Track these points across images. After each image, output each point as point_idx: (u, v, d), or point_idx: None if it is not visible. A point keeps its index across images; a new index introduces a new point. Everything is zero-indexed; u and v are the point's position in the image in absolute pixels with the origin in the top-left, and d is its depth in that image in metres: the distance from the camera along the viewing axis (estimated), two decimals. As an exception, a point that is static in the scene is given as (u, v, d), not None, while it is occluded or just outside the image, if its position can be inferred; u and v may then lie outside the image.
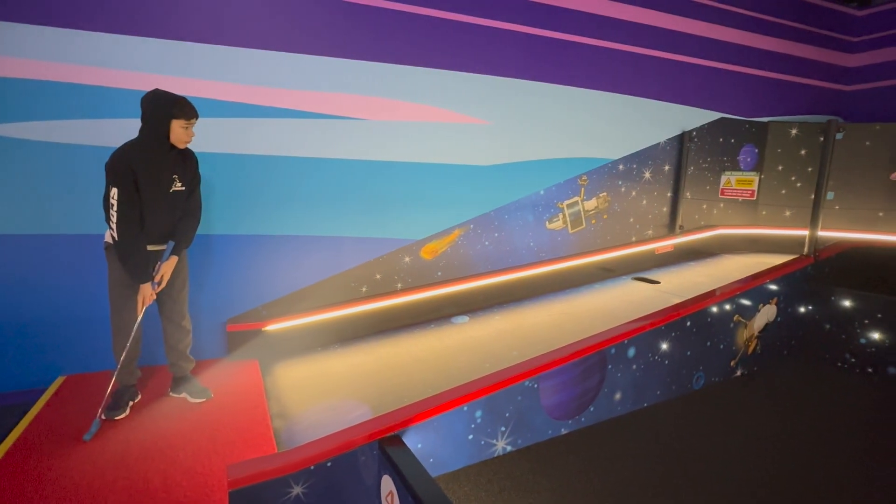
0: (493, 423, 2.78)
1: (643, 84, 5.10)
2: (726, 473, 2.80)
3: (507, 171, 4.42)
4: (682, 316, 3.63)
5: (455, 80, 4.05)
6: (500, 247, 4.50)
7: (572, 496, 2.55)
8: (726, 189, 5.52)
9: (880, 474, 2.84)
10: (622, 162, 5.01)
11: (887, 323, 4.17)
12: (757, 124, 5.63)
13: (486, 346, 3.59)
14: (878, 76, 6.30)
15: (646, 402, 3.59)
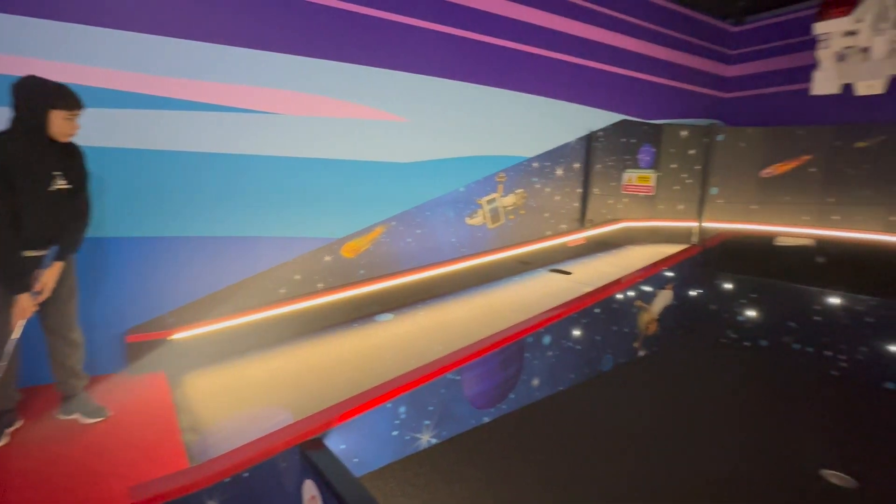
0: (418, 417, 2.82)
1: (555, 86, 5.40)
2: (636, 445, 3.09)
3: (426, 168, 4.48)
4: (591, 304, 3.91)
5: (372, 76, 4.02)
6: (423, 243, 4.55)
7: (495, 480, 2.67)
8: (628, 185, 6.01)
9: (757, 425, 3.29)
10: (536, 160, 5.27)
11: (759, 302, 4.80)
12: (653, 126, 6.18)
13: (411, 342, 3.62)
14: (750, 86, 7.19)
15: (561, 386, 3.83)
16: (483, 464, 2.82)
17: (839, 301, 4.30)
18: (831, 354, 4.36)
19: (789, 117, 6.63)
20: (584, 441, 3.13)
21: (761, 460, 3.00)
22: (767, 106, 6.97)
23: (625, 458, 2.95)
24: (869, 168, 5.56)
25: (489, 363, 3.17)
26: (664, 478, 2.77)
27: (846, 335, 4.27)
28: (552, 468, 2.82)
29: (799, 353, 4.55)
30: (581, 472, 2.80)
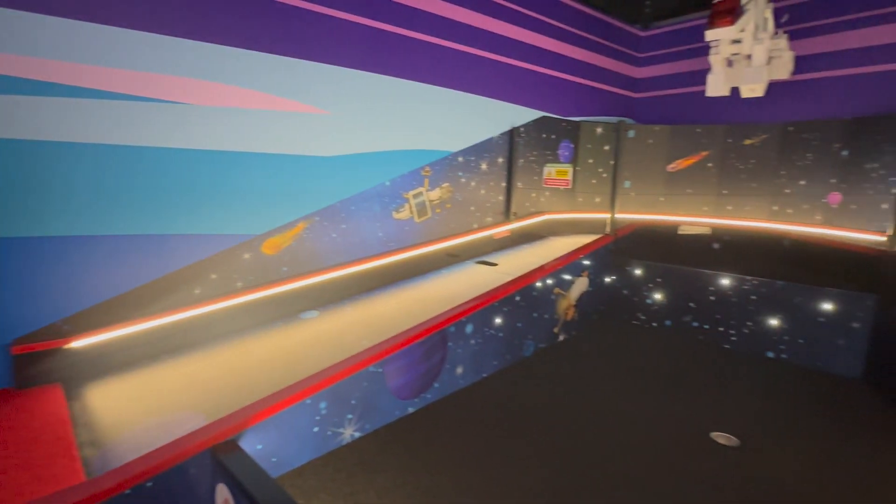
0: (340, 411, 2.82)
1: (479, 83, 5.53)
2: (556, 423, 3.28)
3: (350, 162, 4.43)
4: (512, 292, 4.08)
5: (290, 67, 3.91)
6: (349, 238, 4.50)
7: (419, 468, 2.73)
8: (549, 179, 6.30)
9: (661, 396, 3.61)
10: (461, 154, 5.38)
11: (664, 286, 5.24)
12: (571, 123, 6.51)
13: (337, 338, 3.59)
14: (657, 86, 7.77)
15: (484, 372, 3.98)
16: (407, 453, 2.87)
17: (730, 282, 4.79)
18: (723, 330, 4.87)
19: (690, 116, 7.25)
20: (507, 423, 3.28)
21: (663, 426, 3.30)
22: (672, 105, 7.57)
23: (546, 436, 3.13)
24: (755, 163, 6.22)
25: (412, 354, 3.22)
26: (581, 449, 2.97)
27: (735, 312, 4.78)
28: (475, 452, 2.93)
29: (697, 331, 5.03)
30: (503, 452, 2.93)
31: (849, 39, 5.88)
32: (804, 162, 5.89)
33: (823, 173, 5.75)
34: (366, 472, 2.66)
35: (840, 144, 5.61)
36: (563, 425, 3.29)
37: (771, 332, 4.59)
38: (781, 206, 6.09)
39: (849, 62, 5.91)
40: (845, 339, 4.21)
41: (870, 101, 5.60)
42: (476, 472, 2.72)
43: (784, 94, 6.38)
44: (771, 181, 6.14)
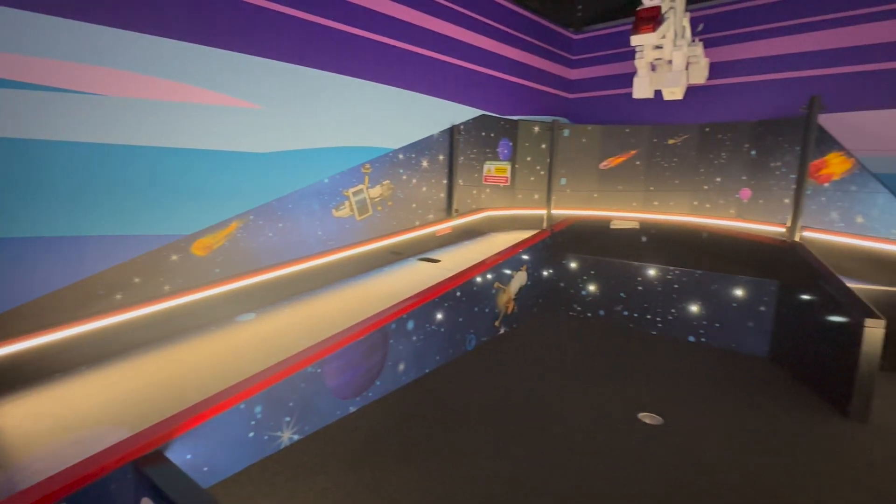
0: (276, 415, 2.75)
1: (419, 80, 5.54)
2: (498, 413, 3.37)
3: (286, 158, 4.31)
4: (453, 287, 4.15)
5: (217, 59, 3.74)
6: (286, 237, 4.38)
7: (360, 467, 2.72)
8: (488, 176, 6.44)
9: (595, 381, 3.81)
10: (402, 152, 5.38)
11: (597, 278, 5.51)
12: (510, 121, 6.68)
13: (275, 340, 3.49)
14: (589, 88, 8.13)
15: (427, 368, 4.02)
16: (348, 453, 2.85)
17: (656, 273, 5.13)
18: (650, 318, 5.20)
19: (620, 117, 7.66)
20: (449, 417, 3.33)
21: (597, 410, 3.48)
22: (603, 106, 7.96)
23: (487, 426, 3.21)
24: (678, 161, 6.68)
25: (352, 353, 3.20)
26: (521, 436, 3.08)
27: (661, 301, 5.13)
28: (417, 447, 2.96)
29: (628, 319, 5.34)
30: (445, 445, 2.98)
31: (755, 49, 6.44)
32: (719, 160, 6.41)
33: (736, 171, 6.29)
34: (305, 475, 2.62)
35: (749, 145, 6.15)
36: (503, 415, 3.39)
37: (692, 318, 4.96)
38: (701, 202, 6.59)
39: (755, 70, 6.48)
40: (754, 322, 4.64)
41: (773, 106, 6.18)
42: (418, 467, 2.75)
43: (701, 98, 6.89)
44: (692, 178, 6.62)
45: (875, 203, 4.84)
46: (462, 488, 2.58)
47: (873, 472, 2.88)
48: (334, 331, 3.26)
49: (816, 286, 3.98)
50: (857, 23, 5.67)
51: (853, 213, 5.01)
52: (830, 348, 3.75)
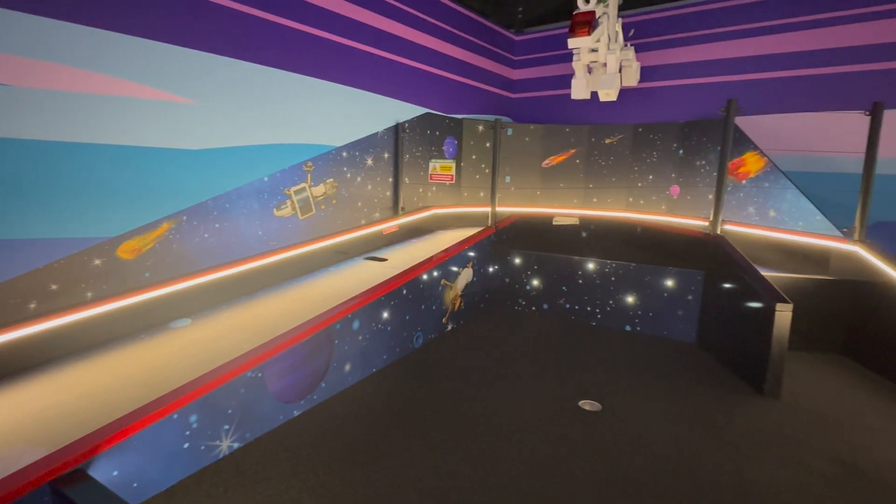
0: (214, 423, 2.64)
1: (362, 77, 5.47)
2: (445, 410, 3.40)
3: (222, 155, 4.13)
4: (399, 285, 4.14)
5: (146, 50, 3.51)
6: (224, 238, 4.20)
7: (304, 472, 2.66)
8: (434, 174, 6.47)
9: (541, 372, 3.93)
10: (345, 149, 5.29)
11: (540, 273, 5.69)
12: (455, 120, 6.74)
13: (213, 345, 3.33)
14: (531, 88, 8.36)
15: (374, 367, 3.99)
16: (292, 458, 2.78)
17: (594, 266, 5.36)
18: (590, 309, 5.44)
19: (560, 117, 7.93)
20: (397, 415, 3.33)
21: (541, 400, 3.60)
22: (544, 106, 8.21)
23: (435, 422, 3.23)
24: (614, 160, 7.01)
25: (294, 355, 3.12)
26: (468, 430, 3.13)
27: (600, 293, 5.37)
28: (364, 447, 2.93)
29: (570, 311, 5.56)
30: (392, 443, 2.98)
31: (681, 55, 6.88)
32: (651, 159, 6.78)
33: (666, 169, 6.68)
34: (246, 484, 2.53)
35: (677, 144, 6.56)
36: (450, 410, 3.43)
37: (628, 309, 5.24)
38: (635, 198, 6.95)
39: (682, 74, 6.92)
40: (683, 310, 4.96)
41: (698, 108, 6.62)
42: (364, 468, 2.73)
43: (634, 100, 7.27)
44: (627, 176, 6.97)
45: (785, 198, 5.32)
46: (409, 485, 2.60)
47: (785, 443, 3.17)
48: (277, 333, 3.16)
49: (735, 275, 4.32)
50: (771, 33, 6.20)
51: (767, 207, 5.48)
52: (748, 332, 4.08)
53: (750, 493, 2.65)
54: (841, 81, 5.79)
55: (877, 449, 3.12)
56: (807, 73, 6.00)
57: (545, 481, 2.68)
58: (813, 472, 2.86)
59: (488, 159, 6.90)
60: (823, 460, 2.98)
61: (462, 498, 2.52)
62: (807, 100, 5.99)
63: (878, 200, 5.02)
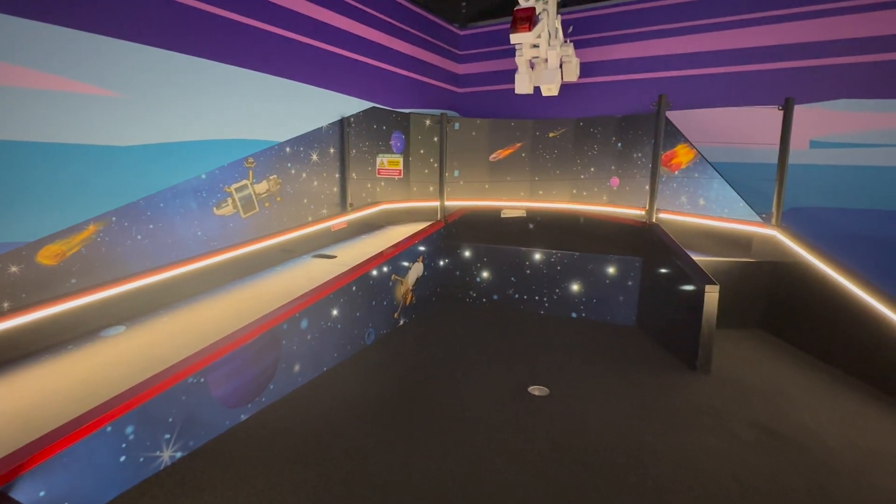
0: (153, 433, 2.53)
1: (304, 70, 5.33)
2: (399, 405, 3.41)
3: (153, 152, 3.91)
4: (348, 282, 4.10)
5: (66, 39, 3.25)
6: (160, 240, 3.99)
7: (253, 476, 2.60)
8: (381, 169, 6.43)
9: (491, 361, 4.03)
10: (289, 145, 5.15)
11: (489, 264, 5.80)
12: (401, 114, 6.71)
13: (150, 352, 3.17)
14: (476, 83, 8.45)
15: (325, 366, 3.94)
16: (240, 463, 2.71)
17: (541, 256, 5.54)
18: (538, 298, 5.62)
19: (506, 111, 8.08)
20: (348, 412, 3.31)
21: (490, 388, 3.70)
22: (490, 101, 8.33)
23: (388, 417, 3.24)
24: (558, 153, 7.23)
25: (239, 358, 3.03)
26: (421, 423, 3.16)
27: (546, 282, 5.55)
28: (316, 448, 2.90)
29: (519, 301, 5.71)
30: (345, 441, 2.96)
31: (618, 52, 7.19)
32: (593, 152, 7.06)
33: (606, 161, 6.98)
34: (189, 494, 2.44)
35: (616, 138, 6.86)
36: (404, 405, 3.46)
37: (573, 296, 5.45)
38: (578, 190, 7.21)
39: (618, 70, 7.23)
40: (623, 296, 5.23)
41: (634, 103, 6.96)
42: (314, 468, 2.70)
43: (574, 95, 7.52)
44: (570, 168, 7.22)
45: (712, 187, 5.70)
46: (363, 482, 2.60)
47: (713, 413, 3.43)
48: (222, 336, 3.05)
49: (669, 261, 4.60)
50: (699, 32, 6.59)
51: (697, 196, 5.85)
52: (681, 313, 4.36)
53: (683, 461, 2.86)
54: (759, 78, 6.26)
55: (793, 414, 3.44)
56: (729, 71, 6.45)
57: (496, 466, 2.77)
58: (737, 438, 3.12)
59: (437, 154, 6.93)
60: (746, 427, 3.25)
61: (415, 490, 2.55)
62: (730, 95, 6.44)
63: (791, 188, 5.50)
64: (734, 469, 2.79)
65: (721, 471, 2.78)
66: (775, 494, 2.58)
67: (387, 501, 2.45)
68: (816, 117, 5.90)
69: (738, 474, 2.75)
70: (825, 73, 5.86)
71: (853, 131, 5.77)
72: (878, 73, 5.60)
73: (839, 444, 3.06)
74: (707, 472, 2.77)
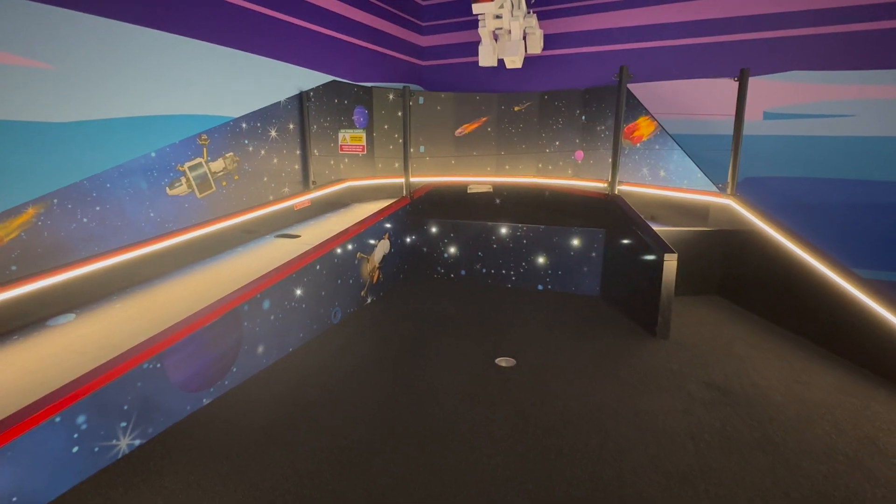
0: (108, 422, 2.44)
1: (258, 41, 5.07)
2: (368, 382, 3.40)
3: (96, 129, 3.67)
4: (311, 261, 4.02)
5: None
6: (108, 222, 3.79)
7: (217, 460, 2.56)
8: (344, 145, 6.27)
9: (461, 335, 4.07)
10: (245, 120, 4.94)
11: (457, 240, 5.80)
12: (364, 88, 6.52)
13: (103, 341, 3.04)
14: (440, 55, 8.28)
15: (291, 346, 3.89)
16: (202, 447, 2.66)
17: (507, 230, 5.57)
18: (506, 272, 5.67)
19: (471, 85, 7.96)
20: (315, 391, 3.28)
21: (461, 362, 3.74)
22: (455, 74, 8.19)
23: (358, 395, 3.23)
24: (523, 127, 7.22)
25: (198, 342, 2.94)
26: (392, 399, 3.17)
27: (513, 256, 5.60)
28: (283, 427, 2.87)
29: (486, 275, 5.75)
30: (313, 420, 2.94)
31: (581, 23, 7.14)
32: (557, 126, 7.07)
33: (571, 135, 7.01)
34: (150, 480, 2.39)
35: (580, 111, 6.89)
36: (372, 381, 3.46)
37: (539, 269, 5.53)
38: (544, 164, 7.25)
39: (582, 42, 7.20)
40: (588, 267, 5.34)
41: (597, 75, 6.97)
42: (282, 448, 2.68)
43: (539, 67, 7.47)
44: (536, 143, 7.23)
45: (672, 159, 5.82)
46: (331, 459, 2.60)
47: (671, 376, 3.58)
48: (178, 320, 2.95)
49: (630, 231, 4.70)
50: (659, 3, 6.60)
51: (658, 168, 5.97)
52: (642, 282, 4.49)
53: (642, 420, 2.98)
54: (717, 50, 6.36)
55: (743, 373, 3.62)
56: (689, 43, 6.51)
57: (462, 435, 2.82)
58: (693, 397, 3.27)
59: (401, 129, 6.79)
60: (701, 387, 3.41)
61: (383, 463, 2.57)
62: (690, 67, 6.53)
63: (745, 159, 5.67)
64: (689, 427, 2.93)
65: (677, 429, 2.91)
66: (726, 447, 2.73)
67: (355, 477, 2.46)
68: (770, 89, 6.07)
69: (692, 431, 2.88)
70: (779, 45, 6.00)
71: (805, 102, 5.96)
72: (829, 45, 5.77)
73: (785, 399, 3.25)
74: (664, 430, 2.89)
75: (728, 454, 2.67)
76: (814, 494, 2.36)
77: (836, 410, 3.12)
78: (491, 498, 2.32)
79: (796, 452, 2.69)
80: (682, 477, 2.48)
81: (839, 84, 5.79)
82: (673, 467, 2.56)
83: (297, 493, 2.34)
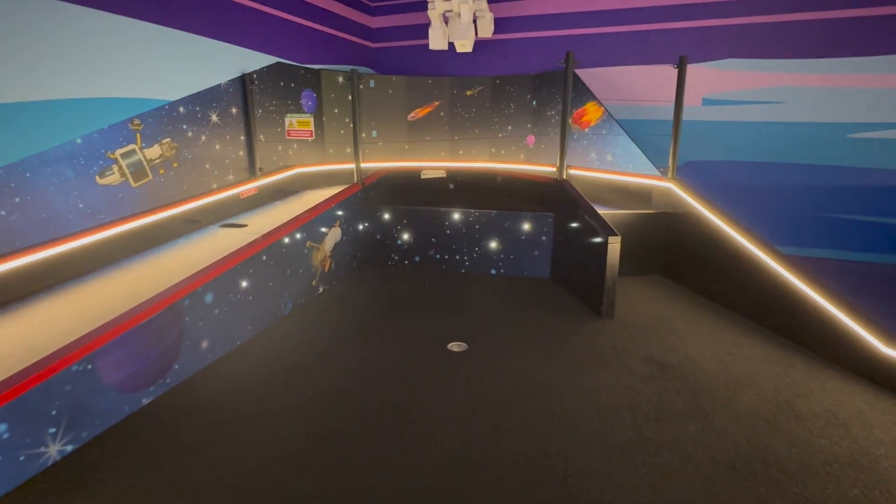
0: (34, 429, 2.31)
1: (196, 20, 4.78)
2: (319, 372, 3.37)
3: (10, 114, 3.38)
4: (257, 252, 3.91)
5: None
6: (30, 214, 3.52)
7: (159, 460, 2.48)
8: (291, 130, 6.07)
9: (415, 322, 4.09)
10: (182, 104, 4.68)
11: (410, 226, 5.78)
12: (312, 71, 6.31)
13: (26, 342, 2.84)
14: (391, 37, 8.10)
15: (238, 340, 3.79)
16: (143, 448, 2.57)
17: (460, 216, 5.60)
18: (459, 258, 5.72)
19: (422, 68, 7.86)
20: (262, 385, 3.22)
21: (411, 347, 3.77)
22: (406, 57, 8.05)
23: (309, 385, 3.20)
24: (476, 112, 7.21)
25: (134, 340, 2.81)
26: (344, 387, 3.16)
27: (466, 241, 5.65)
28: (229, 424, 2.80)
29: (440, 261, 5.79)
30: (262, 413, 2.89)
31: (530, 8, 7.16)
32: (509, 111, 7.12)
33: (523, 120, 7.08)
34: (86, 485, 2.29)
35: (531, 96, 6.95)
36: (324, 370, 3.43)
37: (492, 253, 5.61)
38: (497, 149, 7.30)
39: (531, 27, 7.23)
40: (538, 251, 5.47)
41: (546, 60, 7.03)
42: (228, 445, 2.63)
43: (490, 51, 7.46)
44: (488, 127, 7.25)
45: (618, 144, 6.01)
46: (280, 451, 2.57)
47: (614, 353, 3.75)
48: (110, 318, 2.80)
49: (577, 215, 4.84)
50: (603, -11, 6.70)
51: (605, 152, 6.15)
52: (588, 263, 4.65)
53: (586, 396, 3.12)
54: (659, 37, 6.56)
55: (680, 348, 3.85)
56: (633, 30, 6.68)
57: (413, 419, 2.85)
58: (633, 373, 3.45)
59: (351, 113, 6.64)
60: (642, 362, 3.60)
61: (333, 454, 2.57)
62: (634, 53, 6.71)
63: (685, 143, 5.93)
64: (629, 400, 3.10)
65: (617, 402, 3.07)
66: (661, 418, 2.91)
67: (303, 470, 2.45)
68: (708, 76, 6.34)
69: (631, 404, 3.05)
70: (716, 34, 6.26)
71: (741, 89, 6.27)
72: (763, 34, 6.07)
73: (715, 370, 3.49)
74: (605, 404, 3.04)
75: (663, 425, 2.85)
76: (737, 457, 2.56)
77: (759, 379, 3.37)
78: (443, 479, 2.38)
79: (724, 420, 2.90)
80: (622, 448, 2.63)
81: (769, 72, 6.13)
82: (614, 439, 2.71)
83: (243, 488, 2.30)
